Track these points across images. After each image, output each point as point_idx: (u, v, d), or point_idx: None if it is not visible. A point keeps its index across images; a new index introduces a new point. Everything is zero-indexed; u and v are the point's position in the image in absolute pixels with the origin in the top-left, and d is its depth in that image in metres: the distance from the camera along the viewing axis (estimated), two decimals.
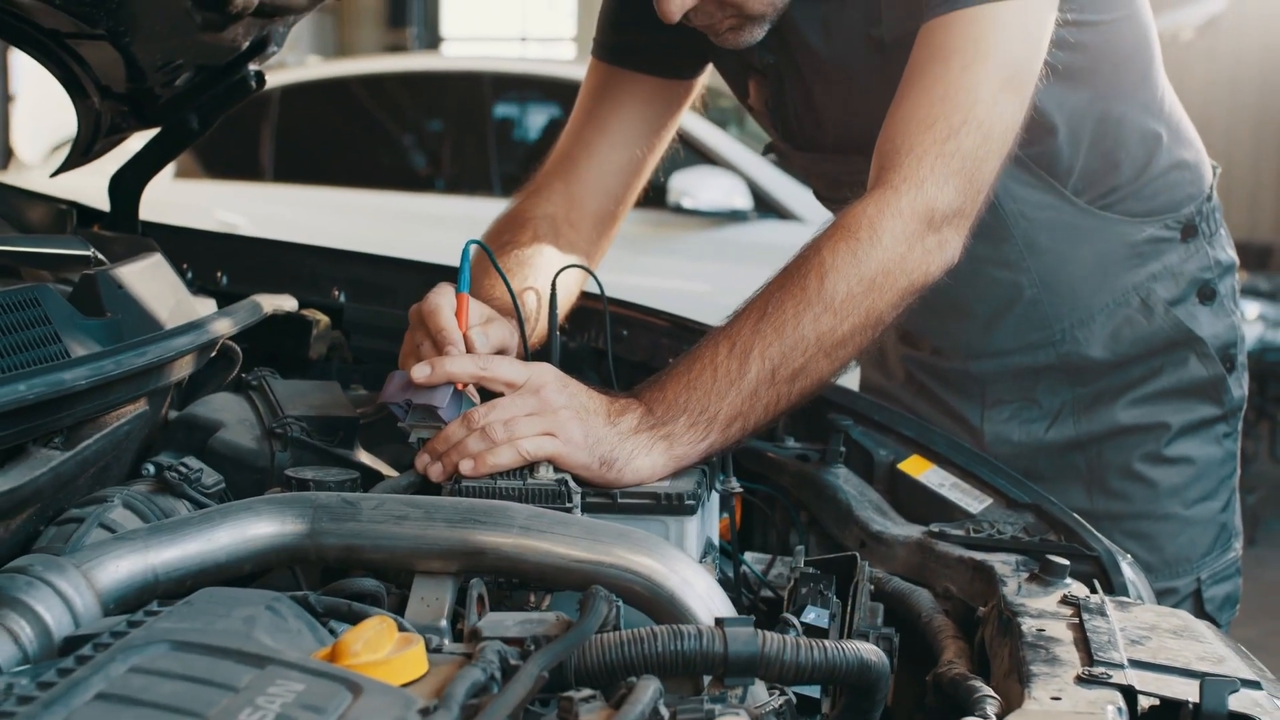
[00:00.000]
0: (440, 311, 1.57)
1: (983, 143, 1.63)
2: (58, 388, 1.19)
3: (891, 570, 1.62)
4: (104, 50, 1.73)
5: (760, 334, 1.54)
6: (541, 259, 1.88)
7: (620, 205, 2.08)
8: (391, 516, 1.27)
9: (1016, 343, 2.05)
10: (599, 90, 2.08)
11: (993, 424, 2.09)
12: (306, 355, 1.93)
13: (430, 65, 7.94)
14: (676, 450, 1.49)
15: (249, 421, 1.60)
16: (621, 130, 2.05)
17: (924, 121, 1.63)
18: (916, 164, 1.62)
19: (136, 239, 1.91)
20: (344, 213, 6.44)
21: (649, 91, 2.06)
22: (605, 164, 2.05)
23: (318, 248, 2.18)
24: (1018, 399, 2.08)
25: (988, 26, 1.64)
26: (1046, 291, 2.01)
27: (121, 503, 1.37)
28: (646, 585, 1.23)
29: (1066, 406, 2.05)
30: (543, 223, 1.96)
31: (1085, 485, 2.05)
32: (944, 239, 1.63)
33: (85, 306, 1.46)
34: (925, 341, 2.17)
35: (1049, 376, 2.06)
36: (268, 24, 1.85)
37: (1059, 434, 2.06)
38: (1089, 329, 2.02)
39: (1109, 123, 1.92)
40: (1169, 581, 2.03)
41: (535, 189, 2.03)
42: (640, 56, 2.03)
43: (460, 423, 1.45)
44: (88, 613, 1.14)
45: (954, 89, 1.63)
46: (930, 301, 2.04)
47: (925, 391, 2.18)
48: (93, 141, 2.00)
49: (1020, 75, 1.67)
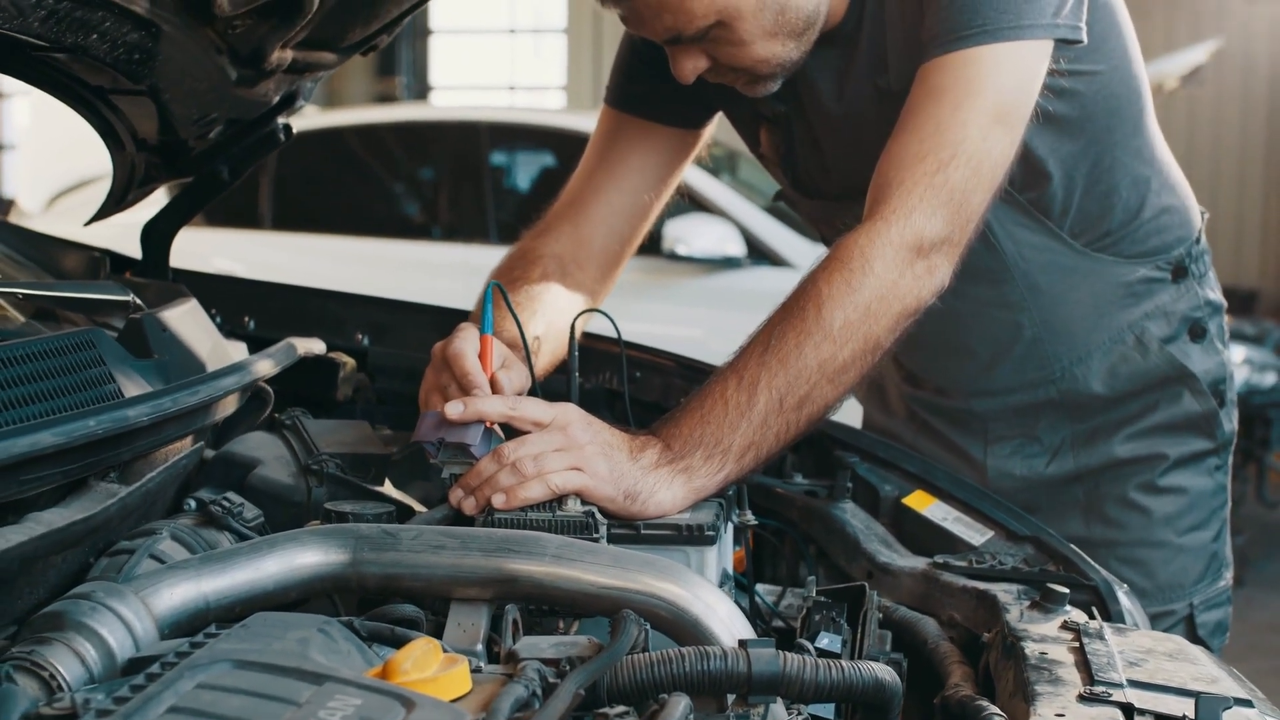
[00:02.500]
0: (465, 355, 1.65)
1: (971, 175, 1.70)
2: (123, 424, 1.26)
3: (898, 600, 1.68)
4: (143, 104, 1.82)
5: (766, 366, 1.62)
6: (549, 296, 1.96)
7: (626, 248, 2.14)
8: (429, 546, 1.34)
9: (1018, 381, 2.12)
10: (610, 136, 2.14)
11: (995, 459, 2.16)
12: (334, 396, 2.01)
13: (427, 115, 8.05)
14: (695, 483, 1.57)
15: (285, 459, 1.67)
16: (630, 175, 2.12)
17: (915, 156, 1.71)
18: (906, 196, 1.69)
19: (168, 285, 1.99)
20: (343, 261, 6.52)
21: (659, 139, 2.12)
22: (613, 207, 2.11)
23: (341, 293, 2.26)
24: (1020, 435, 2.15)
25: (979, 68, 1.72)
26: (1046, 331, 2.07)
27: (169, 535, 1.44)
28: (671, 610, 1.30)
29: (1066, 442, 2.12)
30: (550, 261, 2.03)
31: (1083, 514, 2.12)
32: (933, 265, 1.69)
33: (134, 348, 1.53)
34: (928, 381, 2.24)
35: (1050, 413, 2.12)
36: (297, 79, 1.94)
37: (1059, 468, 2.12)
38: (1087, 366, 2.09)
39: (1102, 168, 1.99)
40: (1162, 606, 2.08)
41: (544, 228, 2.10)
42: (651, 105, 2.09)
43: (491, 458, 1.52)
44: (146, 636, 1.21)
45: (945, 125, 1.71)
46: (934, 343, 2.11)
47: (928, 429, 2.24)
48: (126, 191, 2.08)
49: (1011, 113, 1.73)
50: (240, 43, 1.73)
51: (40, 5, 1.40)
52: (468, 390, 1.62)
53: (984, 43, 1.71)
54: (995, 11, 1.72)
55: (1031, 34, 1.73)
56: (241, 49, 1.74)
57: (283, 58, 1.77)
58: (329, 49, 1.88)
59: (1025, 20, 1.72)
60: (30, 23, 1.43)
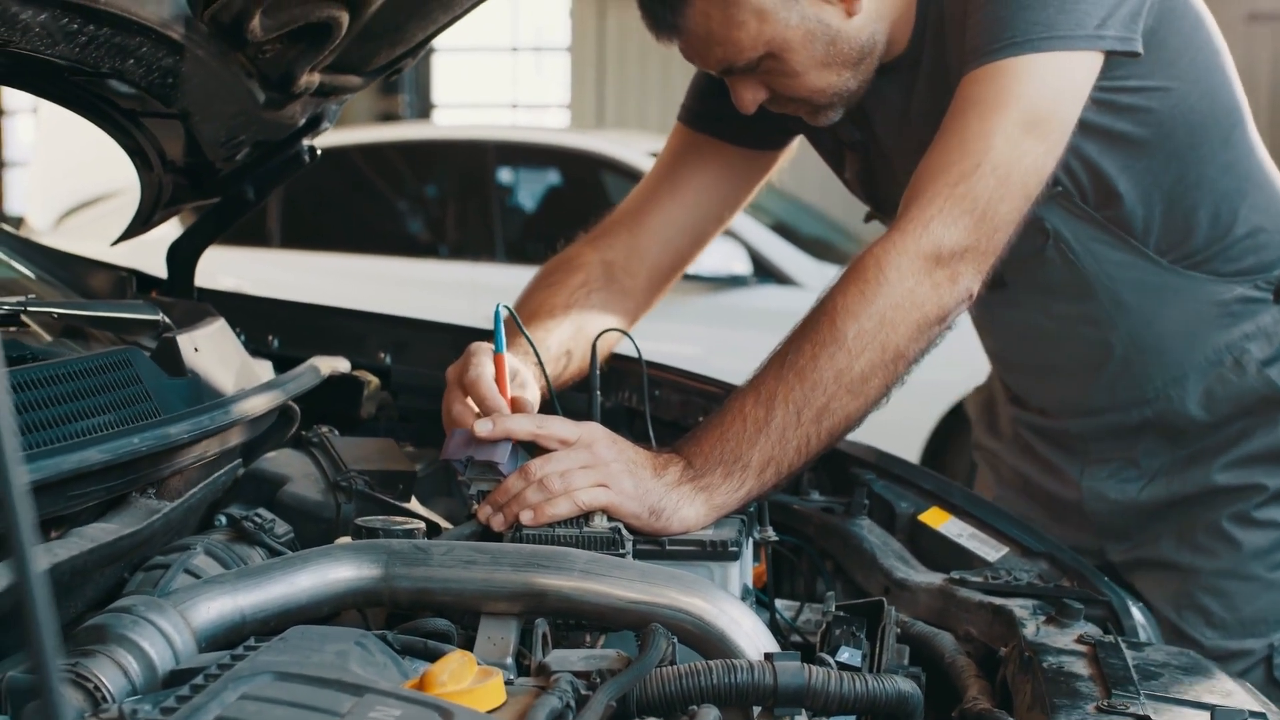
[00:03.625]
0: (481, 380, 1.66)
1: (998, 185, 1.68)
2: (165, 441, 1.29)
3: (915, 615, 1.70)
4: (172, 127, 1.85)
5: (783, 379, 1.63)
6: (586, 304, 1.98)
7: (680, 263, 2.14)
8: (460, 561, 1.37)
9: (1111, 401, 2.09)
10: (679, 152, 2.14)
11: (1091, 481, 2.12)
12: (358, 414, 2.04)
13: (434, 134, 8.09)
14: (716, 500, 1.59)
15: (313, 476, 1.70)
16: (696, 192, 2.11)
17: (938, 168, 1.70)
18: (925, 207, 1.68)
19: (195, 304, 2.02)
20: (351, 279, 6.57)
21: (730, 159, 2.12)
22: (674, 220, 2.10)
23: (364, 312, 2.29)
24: (1119, 458, 2.11)
25: (1007, 79, 1.70)
26: (1137, 350, 2.03)
27: (203, 550, 1.47)
28: (697, 624, 1.33)
29: (1164, 467, 2.08)
30: (597, 268, 2.04)
31: (1174, 539, 2.08)
32: (955, 273, 1.68)
33: (168, 367, 1.57)
34: (1031, 402, 2.21)
35: (1149, 437, 2.08)
36: (323, 102, 1.97)
37: (1152, 494, 2.08)
38: (1183, 387, 2.03)
39: (1187, 184, 1.93)
40: (1241, 641, 2.03)
41: (600, 233, 2.11)
42: (725, 125, 2.08)
43: (519, 476, 1.55)
44: (185, 649, 1.24)
45: (969, 136, 1.70)
46: (1030, 362, 2.12)
47: (1030, 451, 2.22)
48: (153, 211, 2.11)
49: (1043, 123, 1.71)
50: (270, 67, 1.77)
51: (81, 32, 1.44)
52: (488, 414, 1.64)
53: (1013, 54, 1.70)
54: (1025, 23, 1.70)
55: (1066, 44, 1.71)
56: (271, 73, 1.78)
57: (310, 81, 1.81)
58: (355, 72, 1.92)
59: (1058, 31, 1.70)
60: (71, 48, 1.47)
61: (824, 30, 1.80)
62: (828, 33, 1.81)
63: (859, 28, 1.83)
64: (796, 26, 1.79)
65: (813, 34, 1.80)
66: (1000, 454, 2.29)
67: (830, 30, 1.81)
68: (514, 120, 15.69)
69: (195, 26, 1.61)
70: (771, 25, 1.78)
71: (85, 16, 1.42)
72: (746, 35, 1.78)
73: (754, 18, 1.77)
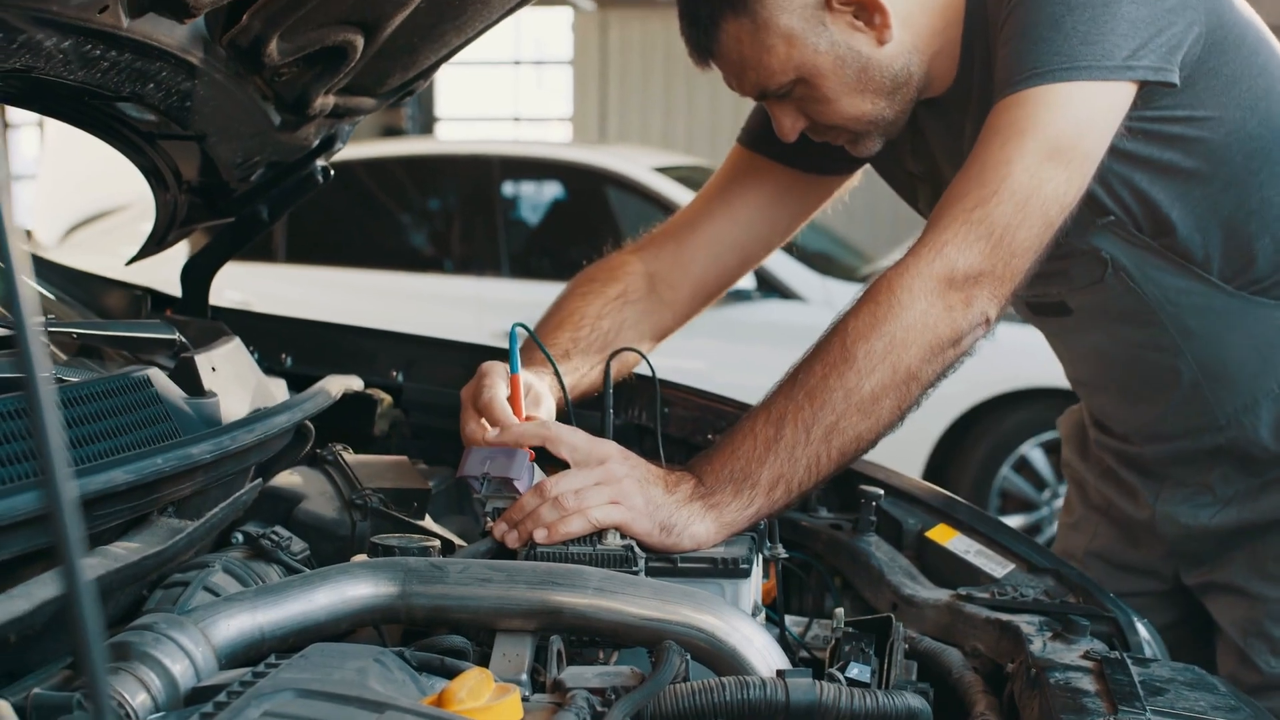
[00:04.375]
0: (495, 402, 1.69)
1: (1016, 211, 1.68)
2: (188, 461, 1.32)
3: (922, 631, 1.71)
4: (188, 148, 1.88)
5: (793, 399, 1.65)
6: (619, 316, 2.02)
7: (725, 281, 2.16)
8: (476, 579, 1.39)
9: (1184, 427, 2.08)
10: (736, 171, 2.15)
11: (1164, 505, 2.13)
12: (371, 431, 2.06)
13: (439, 149, 8.12)
14: (725, 517, 1.61)
15: (329, 494, 1.72)
16: (749, 212, 2.12)
17: (957, 195, 1.71)
18: (941, 232, 1.69)
19: (209, 323, 2.04)
20: (357, 294, 6.60)
21: (788, 182, 2.13)
22: (723, 237, 2.12)
23: (376, 330, 2.31)
24: (1195, 484, 2.10)
25: (1028, 108, 1.71)
26: (1206, 375, 2.02)
27: (221, 568, 1.49)
28: (710, 641, 1.35)
29: (1238, 495, 2.07)
30: (638, 279, 2.06)
31: (1244, 565, 2.07)
32: (969, 297, 1.68)
33: (187, 386, 1.59)
34: (1111, 427, 2.22)
35: (1223, 463, 2.07)
36: (337, 123, 2.00)
37: (1224, 520, 2.08)
38: (1255, 414, 2.02)
39: (1248, 210, 1.91)
40: None
41: (646, 243, 2.13)
42: (787, 150, 2.06)
43: (534, 493, 1.57)
44: (206, 666, 1.25)
45: (989, 164, 1.70)
46: (1104, 388, 2.12)
47: (1111, 474, 2.23)
48: (168, 230, 2.14)
49: (1067, 151, 1.70)
50: (285, 90, 1.79)
51: (103, 57, 1.47)
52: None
53: (1035, 84, 1.71)
54: (1049, 54, 1.71)
55: (1090, 75, 1.71)
56: (286, 96, 1.80)
57: (325, 103, 1.84)
58: (369, 94, 1.94)
59: (1082, 62, 1.70)
60: (92, 73, 1.49)
61: (854, 57, 1.83)
62: (858, 59, 1.83)
63: (891, 56, 1.84)
64: (826, 52, 1.81)
65: (843, 60, 1.82)
66: (1083, 475, 2.30)
67: (861, 57, 1.83)
68: (516, 133, 15.73)
69: (213, 51, 1.64)
70: (800, 50, 1.81)
71: (107, 42, 1.44)
72: (776, 60, 1.81)
73: (783, 42, 1.80)
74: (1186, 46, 1.77)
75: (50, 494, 0.61)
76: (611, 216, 6.82)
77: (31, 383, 0.61)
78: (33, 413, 0.60)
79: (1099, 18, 1.71)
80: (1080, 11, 1.71)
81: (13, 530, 1.13)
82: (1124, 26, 1.71)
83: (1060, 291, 2.02)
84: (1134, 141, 1.81)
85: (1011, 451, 6.04)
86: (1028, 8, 1.74)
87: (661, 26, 13.90)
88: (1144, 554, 2.20)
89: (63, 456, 0.62)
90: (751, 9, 1.79)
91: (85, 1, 1.33)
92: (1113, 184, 1.85)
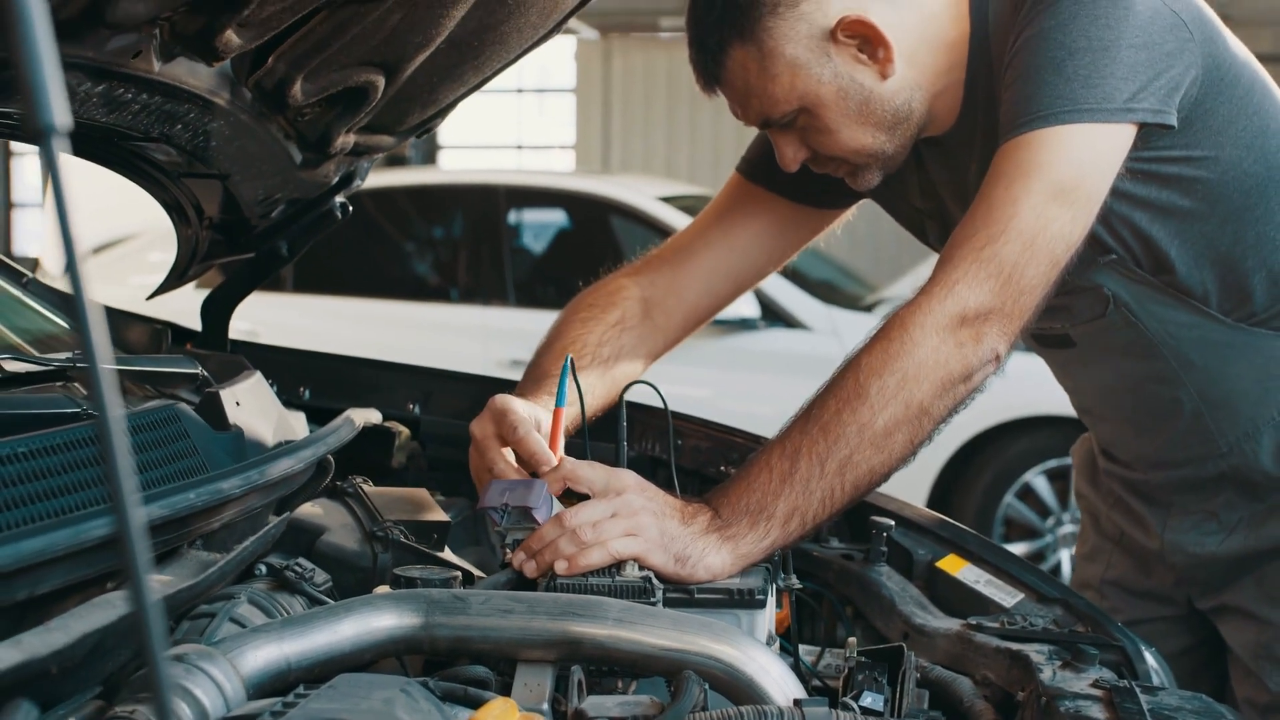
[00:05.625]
0: (530, 438, 1.73)
1: (1023, 250, 1.71)
2: (219, 496, 1.35)
3: (933, 660, 1.73)
4: (212, 186, 1.92)
5: (807, 433, 1.68)
6: (617, 344, 2.05)
7: (716, 308, 2.20)
8: (498, 610, 1.41)
9: (1186, 455, 2.11)
10: (734, 200, 2.19)
11: (1172, 533, 2.16)
12: (389, 464, 2.09)
13: (445, 179, 8.17)
14: (741, 549, 1.64)
15: (350, 525, 1.75)
16: (746, 240, 2.16)
17: (964, 236, 1.75)
18: (951, 270, 1.73)
19: (229, 357, 2.08)
20: (364, 323, 6.64)
21: (786, 213, 2.17)
22: (718, 265, 2.16)
23: (392, 363, 2.35)
24: (1201, 511, 2.13)
25: (1032, 150, 1.74)
26: (1207, 405, 2.05)
27: (247, 599, 1.52)
28: (728, 670, 1.37)
29: (1243, 521, 2.10)
30: (635, 304, 2.10)
31: (1253, 591, 2.10)
32: (979, 334, 1.71)
33: (212, 421, 1.62)
34: (1116, 455, 2.25)
35: (1227, 490, 2.10)
36: (355, 161, 2.04)
37: (1229, 547, 2.10)
38: (1256, 442, 2.04)
39: (1245, 245, 1.95)
40: None
41: (641, 267, 2.16)
42: (786, 181, 2.10)
43: (552, 524, 1.60)
44: (235, 697, 1.28)
45: (995, 205, 1.74)
46: (1108, 417, 2.16)
47: (1120, 502, 2.26)
48: (189, 266, 2.17)
49: (1071, 192, 1.74)
50: (308, 129, 1.83)
51: (135, 100, 1.50)
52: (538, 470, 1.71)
53: (1039, 127, 1.74)
54: (1050, 98, 1.74)
55: (1092, 117, 1.74)
56: (309, 135, 1.84)
57: (345, 142, 1.88)
58: (388, 132, 1.98)
59: (1084, 105, 1.74)
60: (123, 116, 1.53)
61: (857, 89, 1.86)
62: (861, 92, 1.86)
63: (893, 91, 1.88)
64: (829, 83, 1.85)
65: (846, 91, 1.86)
66: (1099, 505, 2.33)
67: (864, 90, 1.87)
68: (519, 161, 15.79)
69: (239, 92, 1.67)
70: (804, 80, 1.85)
71: (139, 86, 1.48)
72: (780, 88, 1.85)
73: (788, 71, 1.84)
74: (1184, 88, 1.81)
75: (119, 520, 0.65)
76: (616, 246, 6.87)
77: (103, 418, 0.64)
78: (103, 444, 0.63)
79: (1099, 62, 1.75)
80: (1082, 56, 1.75)
81: (80, 556, 1.17)
82: (1124, 70, 1.75)
83: (1064, 326, 2.05)
84: (1134, 182, 1.85)
85: (1015, 479, 6.06)
86: (1031, 52, 1.78)
87: (664, 55, 13.98)
88: (1157, 582, 2.23)
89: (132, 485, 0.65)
90: (759, 37, 1.83)
91: (120, 47, 1.37)
92: (1114, 223, 1.88)
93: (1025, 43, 1.80)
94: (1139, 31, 1.77)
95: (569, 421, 1.86)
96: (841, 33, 1.84)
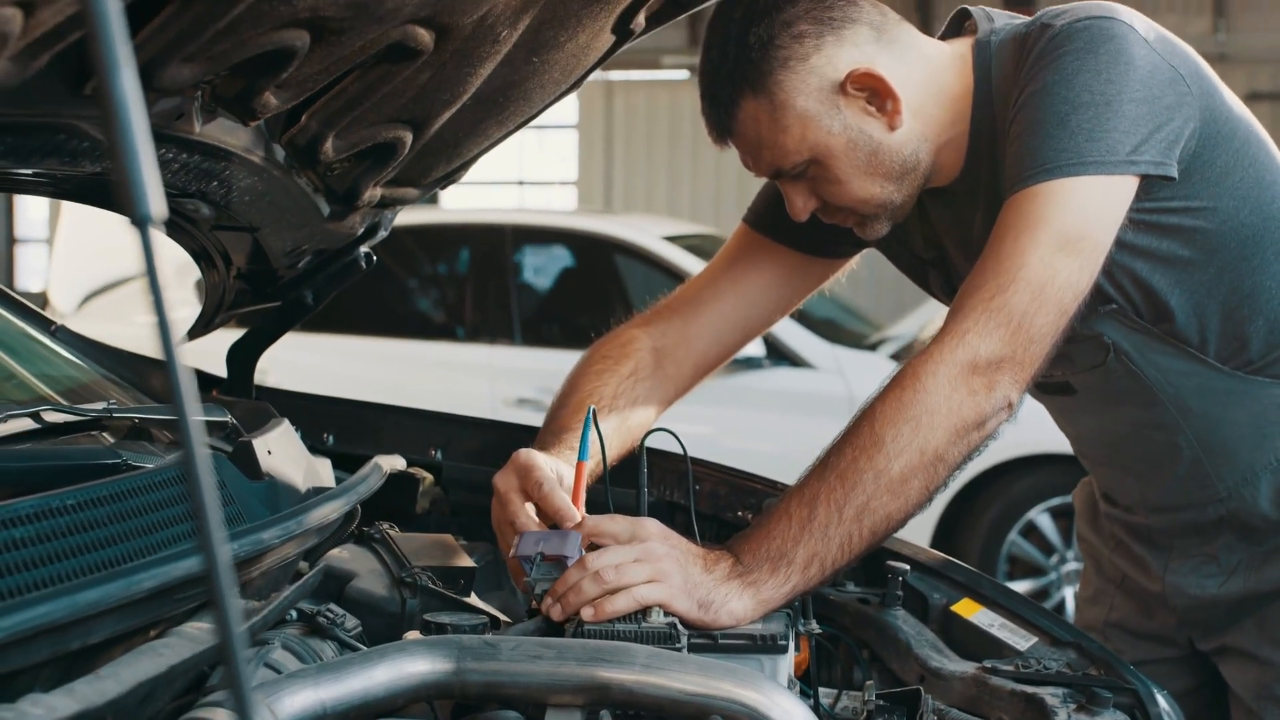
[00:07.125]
0: (555, 494, 1.76)
1: (1032, 299, 1.75)
2: (259, 546, 1.38)
3: (949, 703, 1.75)
4: (241, 238, 1.96)
5: (825, 480, 1.72)
6: (631, 394, 2.09)
7: (725, 356, 2.25)
8: (528, 656, 1.45)
9: (1186, 499, 2.13)
10: (741, 251, 2.23)
11: (1173, 576, 2.19)
12: (414, 509, 2.13)
13: (452, 218, 8.22)
14: (762, 595, 1.68)
15: (378, 571, 1.79)
16: (754, 291, 2.21)
17: (974, 286, 1.79)
18: (962, 320, 1.77)
19: (255, 404, 2.12)
20: (371, 362, 6.68)
21: (793, 263, 2.21)
22: (727, 316, 2.20)
23: (414, 410, 2.39)
24: (1201, 554, 2.16)
25: (1038, 202, 1.79)
26: (1205, 451, 2.07)
27: (280, 644, 1.55)
28: (752, 715, 1.40)
29: (1242, 564, 2.12)
30: (647, 355, 2.14)
31: (1254, 629, 2.12)
32: (992, 382, 1.75)
33: (246, 470, 1.66)
34: (1117, 499, 2.28)
35: (1226, 534, 2.12)
36: (380, 212, 2.09)
37: (1229, 589, 2.13)
38: (1254, 487, 2.07)
39: (1242, 295, 1.98)
40: None
41: (652, 317, 2.21)
42: (792, 232, 2.15)
43: (577, 567, 1.64)
44: None
45: (1004, 256, 1.78)
46: (1108, 462, 2.20)
47: (1121, 545, 2.29)
48: (215, 314, 2.22)
49: (1077, 242, 1.78)
50: (337, 183, 1.88)
51: (175, 159, 1.55)
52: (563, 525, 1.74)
53: (1044, 180, 1.79)
54: (1054, 151, 1.79)
55: (1097, 170, 1.79)
56: (337, 188, 1.89)
57: (373, 195, 1.92)
58: (413, 185, 2.03)
59: (1089, 158, 1.78)
60: (164, 174, 1.58)
61: (866, 141, 1.91)
62: (870, 143, 1.91)
63: (901, 143, 1.93)
64: (839, 135, 1.90)
65: (855, 143, 1.90)
66: (1101, 549, 2.36)
67: (872, 141, 1.91)
68: (521, 196, 15.85)
69: (273, 149, 1.72)
70: (815, 131, 1.89)
71: (180, 146, 1.52)
72: (791, 140, 1.89)
73: (798, 123, 1.89)
74: (1184, 141, 1.86)
75: (208, 558, 0.68)
76: (622, 285, 6.92)
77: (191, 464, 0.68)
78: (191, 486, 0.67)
79: (1102, 116, 1.80)
80: (1085, 110, 1.80)
81: (129, 607, 1.20)
82: (1126, 124, 1.80)
83: (1064, 373, 2.09)
84: (1135, 232, 1.89)
85: (1020, 517, 6.09)
86: (1035, 107, 1.83)
87: (666, 93, 14.08)
88: (1159, 624, 2.26)
89: (219, 523, 0.69)
90: (770, 90, 1.88)
91: (164, 110, 1.42)
92: (1115, 272, 1.92)
93: (1029, 98, 1.85)
94: (1139, 86, 1.82)
95: (598, 471, 1.90)
96: (851, 85, 1.88)
